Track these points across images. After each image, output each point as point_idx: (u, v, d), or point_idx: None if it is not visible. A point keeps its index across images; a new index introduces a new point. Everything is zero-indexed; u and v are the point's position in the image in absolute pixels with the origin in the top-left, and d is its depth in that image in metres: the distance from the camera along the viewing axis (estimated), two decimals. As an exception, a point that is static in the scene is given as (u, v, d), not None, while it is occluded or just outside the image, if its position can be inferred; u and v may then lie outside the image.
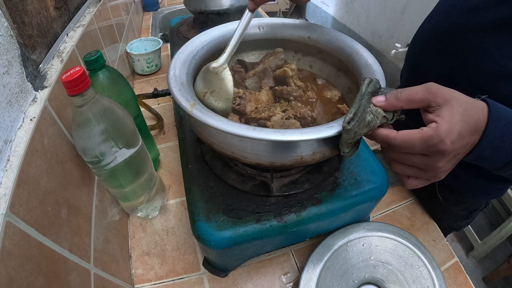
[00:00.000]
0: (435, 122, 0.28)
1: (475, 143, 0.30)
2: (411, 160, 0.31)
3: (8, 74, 0.31)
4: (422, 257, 0.46)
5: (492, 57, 0.40)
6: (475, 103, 0.29)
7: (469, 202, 0.59)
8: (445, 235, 0.57)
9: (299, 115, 0.41)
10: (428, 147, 0.28)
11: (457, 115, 0.28)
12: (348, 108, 0.43)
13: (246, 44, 0.52)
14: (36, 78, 0.37)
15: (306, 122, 0.41)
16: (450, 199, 0.57)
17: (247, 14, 0.42)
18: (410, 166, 0.32)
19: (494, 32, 0.40)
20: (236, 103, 0.44)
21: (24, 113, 0.32)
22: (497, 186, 0.53)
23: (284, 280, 0.49)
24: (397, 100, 0.30)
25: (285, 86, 0.47)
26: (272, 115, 0.41)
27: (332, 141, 0.34)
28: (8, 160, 0.28)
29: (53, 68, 0.40)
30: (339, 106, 0.44)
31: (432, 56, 0.50)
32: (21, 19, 0.37)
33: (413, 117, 0.36)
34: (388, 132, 0.31)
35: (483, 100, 0.30)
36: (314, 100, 0.47)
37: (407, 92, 0.30)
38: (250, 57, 0.55)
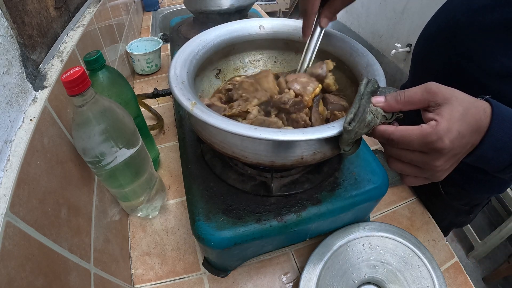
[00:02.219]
0: (435, 120, 0.28)
1: (475, 143, 0.30)
2: (409, 158, 0.31)
3: (8, 74, 0.31)
4: (422, 257, 0.46)
5: (497, 57, 0.41)
6: (477, 102, 0.29)
7: (472, 196, 0.59)
8: (447, 232, 0.57)
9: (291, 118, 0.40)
10: (426, 144, 0.28)
11: (457, 114, 0.28)
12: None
13: (247, 44, 0.52)
14: (36, 78, 0.37)
15: (298, 126, 0.40)
16: (452, 194, 0.58)
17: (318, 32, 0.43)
18: (408, 164, 0.32)
19: (500, 33, 0.40)
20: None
21: (24, 113, 0.32)
22: (500, 180, 0.53)
23: (284, 280, 0.49)
24: (396, 102, 0.31)
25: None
26: (247, 111, 0.40)
27: (333, 141, 0.34)
28: (8, 160, 0.28)
29: (53, 68, 0.40)
30: (336, 113, 0.43)
31: (437, 54, 0.50)
32: (21, 19, 0.37)
33: (413, 118, 0.36)
34: (386, 127, 0.31)
35: (486, 100, 0.30)
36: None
37: (406, 94, 0.30)
38: (250, 57, 0.55)
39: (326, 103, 0.43)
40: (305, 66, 0.46)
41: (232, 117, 0.40)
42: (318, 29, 0.43)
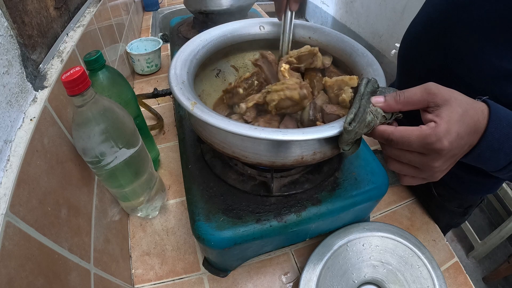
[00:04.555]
0: (434, 121, 0.28)
1: (473, 144, 0.30)
2: (407, 158, 0.31)
3: (8, 74, 0.31)
4: (422, 257, 0.46)
5: (486, 56, 0.40)
6: (475, 104, 0.29)
7: (464, 198, 0.59)
8: (444, 233, 0.57)
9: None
10: (425, 145, 0.28)
11: (456, 116, 0.28)
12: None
13: (247, 44, 0.52)
14: (36, 78, 0.37)
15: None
16: (445, 196, 0.58)
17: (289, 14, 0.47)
18: (406, 164, 0.32)
19: (489, 30, 0.39)
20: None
21: (24, 113, 0.32)
22: (490, 181, 0.53)
23: (284, 280, 0.49)
24: (396, 102, 0.31)
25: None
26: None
27: (333, 141, 0.34)
28: (8, 160, 0.28)
29: (53, 68, 0.40)
30: (318, 123, 0.39)
31: (424, 53, 0.49)
32: (21, 19, 0.37)
33: (411, 119, 0.36)
34: (385, 128, 0.31)
35: (483, 101, 0.30)
36: None
37: (406, 94, 0.30)
38: (250, 57, 0.55)
39: (322, 114, 0.41)
40: (285, 48, 0.49)
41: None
42: (289, 12, 0.47)
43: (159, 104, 0.84)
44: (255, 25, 0.51)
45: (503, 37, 0.38)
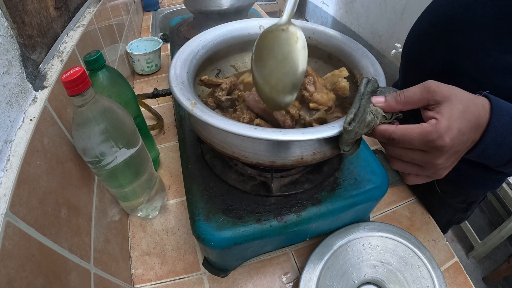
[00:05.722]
0: (435, 118, 0.28)
1: (476, 139, 0.30)
2: (410, 156, 0.31)
3: (8, 74, 0.31)
4: (422, 257, 0.46)
5: (489, 51, 0.40)
6: (476, 99, 0.29)
7: (467, 193, 0.59)
8: (446, 230, 0.57)
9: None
10: (426, 143, 0.28)
11: (457, 112, 0.28)
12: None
13: (247, 44, 0.52)
14: (36, 78, 0.37)
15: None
16: (448, 191, 0.58)
17: None
18: (409, 163, 0.32)
19: (493, 27, 0.40)
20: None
21: (24, 113, 0.32)
22: (494, 176, 0.53)
23: (284, 280, 0.49)
24: (396, 102, 0.31)
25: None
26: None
27: (333, 141, 0.34)
28: (8, 160, 0.28)
29: (53, 68, 0.40)
30: (314, 124, 0.40)
31: (428, 49, 0.50)
32: (21, 19, 0.37)
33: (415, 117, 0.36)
34: (386, 127, 0.31)
35: (484, 96, 0.30)
36: None
37: (406, 94, 0.30)
38: (250, 57, 0.55)
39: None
40: (289, 8, 0.39)
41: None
42: None
43: (159, 104, 0.84)
44: (255, 25, 0.51)
45: (506, 33, 0.38)
